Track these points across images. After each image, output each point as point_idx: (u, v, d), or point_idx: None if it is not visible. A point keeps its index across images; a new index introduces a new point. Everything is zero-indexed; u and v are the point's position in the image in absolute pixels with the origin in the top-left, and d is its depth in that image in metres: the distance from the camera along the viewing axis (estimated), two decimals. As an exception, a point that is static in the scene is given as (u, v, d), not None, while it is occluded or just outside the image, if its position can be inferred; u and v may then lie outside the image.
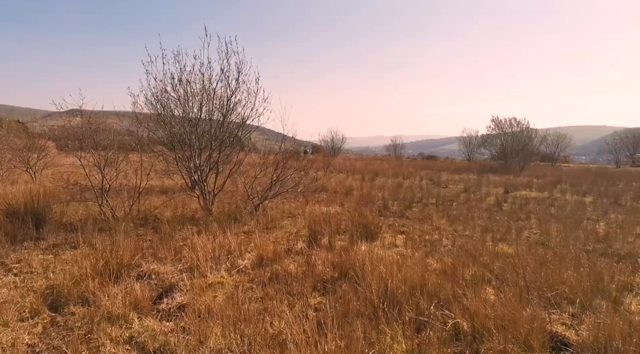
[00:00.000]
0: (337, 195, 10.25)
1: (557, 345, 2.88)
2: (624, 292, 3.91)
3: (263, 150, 8.56)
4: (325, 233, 5.62)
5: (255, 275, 4.16)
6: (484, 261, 4.65)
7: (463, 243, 5.55)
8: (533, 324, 2.90)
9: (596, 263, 4.45)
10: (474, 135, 29.98)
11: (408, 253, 5.15)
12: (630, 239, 6.11)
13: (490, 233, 6.41)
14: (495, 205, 9.45)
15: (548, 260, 4.48)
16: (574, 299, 3.52)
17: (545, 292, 3.62)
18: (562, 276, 3.90)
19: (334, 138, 31.58)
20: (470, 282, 3.91)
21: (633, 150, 30.93)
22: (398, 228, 6.77)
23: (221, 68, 6.68)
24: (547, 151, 29.24)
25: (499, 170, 20.42)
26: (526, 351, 2.73)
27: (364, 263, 3.99)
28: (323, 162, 17.86)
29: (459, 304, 3.26)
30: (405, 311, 3.13)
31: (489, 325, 2.93)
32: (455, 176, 17.12)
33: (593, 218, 7.88)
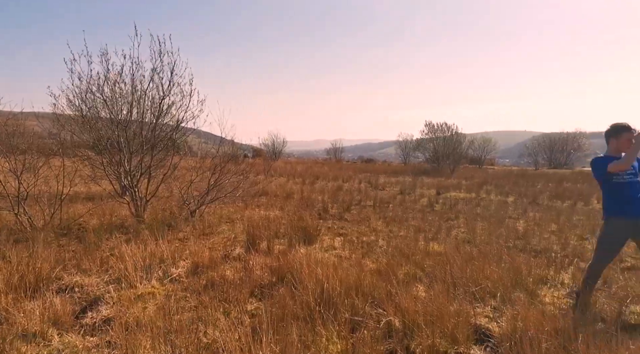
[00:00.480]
0: (277, 199, 10.21)
1: (481, 337, 3.07)
2: (540, 285, 4.26)
3: (200, 154, 8.31)
4: (264, 238, 5.58)
5: (189, 283, 4.02)
6: (416, 260, 4.85)
7: (398, 243, 5.75)
8: (459, 318, 3.07)
9: (516, 259, 4.81)
10: (409, 139, 31.25)
11: (346, 255, 5.25)
12: (545, 236, 6.67)
13: (423, 233, 6.71)
14: (428, 206, 9.91)
15: (474, 257, 4.77)
16: (495, 293, 3.78)
17: (470, 287, 3.85)
18: (486, 272, 4.17)
19: (275, 141, 31.48)
20: (403, 281, 4.08)
21: (549, 153, 33.85)
22: (337, 231, 6.88)
23: (153, 68, 6.41)
24: (474, 154, 31.19)
25: (432, 173, 21.45)
26: (452, 344, 2.89)
27: (302, 267, 4.00)
28: (263, 165, 17.72)
29: (392, 303, 3.37)
30: (341, 312, 3.19)
31: (419, 321, 3.06)
32: (392, 179, 17.74)
33: (514, 217, 8.52)
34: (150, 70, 6.46)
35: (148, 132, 6.75)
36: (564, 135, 33.21)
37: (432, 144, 24.28)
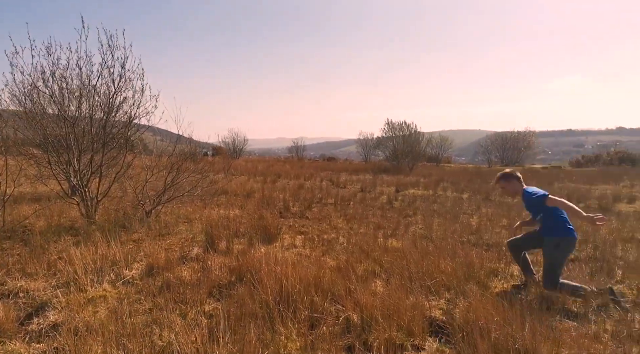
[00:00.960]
0: (237, 198, 10.07)
1: (435, 329, 3.17)
2: (491, 277, 4.45)
3: (155, 152, 8.05)
4: (224, 237, 5.49)
5: (144, 285, 3.89)
6: (375, 256, 4.93)
7: (358, 240, 5.82)
8: (415, 312, 3.16)
9: (469, 253, 4.99)
10: (370, 137, 31.73)
11: (306, 253, 5.26)
12: (497, 230, 6.97)
13: (382, 230, 6.83)
14: (387, 203, 10.10)
15: (430, 252, 4.91)
16: (450, 286, 3.92)
17: (426, 281, 3.97)
18: (441, 266, 4.31)
19: (236, 139, 31.02)
20: (362, 277, 4.14)
21: (502, 151, 35.41)
22: (298, 229, 6.88)
23: (102, 62, 6.12)
24: (432, 153, 32.14)
25: (392, 171, 21.89)
26: (408, 336, 2.97)
27: (262, 265, 3.97)
28: (223, 164, 17.41)
29: (351, 299, 3.42)
30: (300, 310, 3.20)
31: (377, 316, 3.12)
32: (353, 176, 17.94)
33: (468, 213, 8.85)
34: (100, 64, 6.17)
35: (99, 129, 6.45)
36: (515, 134, 34.83)
37: (392, 143, 24.75)
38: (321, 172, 19.89)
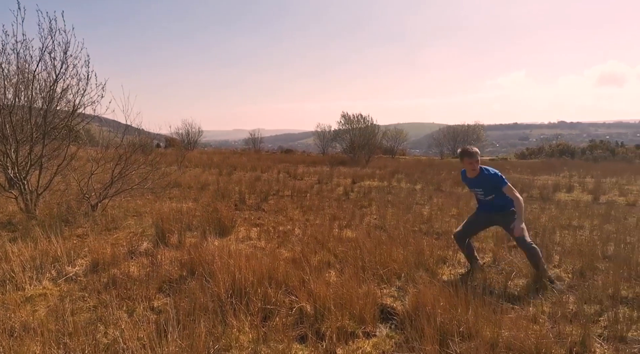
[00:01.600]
0: (191, 191, 9.82)
1: (386, 316, 3.25)
2: (440, 264, 4.63)
3: (102, 143, 7.66)
4: (175, 231, 5.34)
5: (88, 282, 3.71)
6: (330, 247, 4.99)
7: (313, 232, 5.85)
8: (367, 300, 3.23)
9: (420, 241, 5.15)
10: (327, 130, 31.86)
11: (261, 245, 5.23)
12: (447, 219, 7.24)
13: (337, 221, 6.91)
14: (343, 195, 10.22)
15: (383, 241, 5.03)
16: (401, 274, 4.04)
17: (378, 270, 4.07)
18: (393, 255, 4.43)
19: (190, 131, 30.16)
20: (316, 267, 4.17)
21: (453, 143, 36.68)
22: (253, 221, 6.82)
23: (42, 47, 5.72)
24: (388, 145, 32.79)
25: (349, 163, 22.14)
26: (360, 324, 3.03)
27: (214, 259, 3.90)
28: (177, 155, 16.89)
29: (304, 289, 3.44)
30: (253, 302, 3.18)
31: (330, 305, 3.16)
32: (311, 169, 17.98)
33: (421, 203, 9.12)
34: (39, 49, 5.77)
35: (39, 119, 6.05)
36: (465, 127, 36.20)
37: (348, 135, 25.00)
38: (279, 164, 19.78)
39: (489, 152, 52.02)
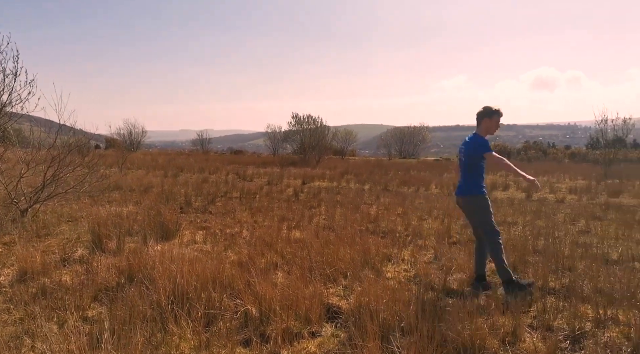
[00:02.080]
0: (133, 194, 9.39)
1: (332, 315, 3.28)
2: (385, 262, 4.74)
3: (33, 143, 7.13)
4: (114, 236, 5.08)
5: (14, 292, 3.44)
6: (278, 248, 4.96)
7: (261, 233, 5.79)
8: (313, 300, 3.24)
9: (367, 240, 5.27)
10: (277, 130, 31.70)
11: (207, 249, 5.10)
12: (392, 218, 7.44)
13: (286, 222, 6.89)
14: (293, 196, 10.22)
15: (331, 241, 5.08)
16: (347, 273, 4.09)
17: (325, 269, 4.10)
18: (340, 254, 4.48)
19: (133, 131, 28.85)
20: (264, 269, 4.13)
21: (400, 144, 37.80)
22: (200, 224, 6.64)
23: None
24: (338, 146, 33.18)
25: (299, 163, 22.17)
26: (306, 324, 3.03)
27: (155, 264, 3.75)
28: (118, 157, 16.09)
29: (250, 292, 3.39)
30: (196, 308, 3.09)
31: (276, 307, 3.14)
32: (261, 170, 17.82)
33: (368, 203, 9.31)
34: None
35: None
36: (412, 128, 37.45)
37: (299, 136, 25.02)
38: (228, 165, 19.42)
39: (434, 153, 54.14)
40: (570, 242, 5.45)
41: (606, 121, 17.74)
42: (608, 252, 5.07)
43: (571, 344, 2.83)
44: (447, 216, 7.40)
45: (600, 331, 2.97)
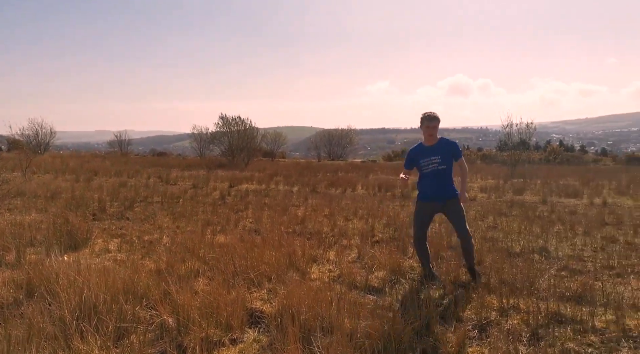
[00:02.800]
0: (38, 200, 8.53)
1: (256, 319, 3.23)
2: (311, 263, 4.77)
3: None
4: (13, 248, 4.57)
5: None
6: (201, 254, 4.79)
7: (184, 239, 5.55)
8: (235, 306, 3.16)
9: (293, 242, 5.27)
10: (204, 132, 30.73)
11: (122, 258, 4.77)
12: (320, 219, 7.53)
13: (211, 226, 6.68)
14: (220, 199, 9.95)
15: (257, 245, 5.01)
16: (272, 276, 4.05)
17: (250, 273, 4.03)
18: (265, 258, 4.43)
19: (40, 132, 26.28)
20: (184, 277, 3.96)
21: (329, 146, 38.54)
22: (115, 232, 6.21)
23: None
24: (267, 148, 33.00)
25: (228, 166, 21.68)
26: (227, 331, 2.95)
27: (59, 277, 3.43)
28: (21, 160, 14.54)
29: (168, 302, 3.23)
30: (106, 322, 2.86)
31: (195, 315, 3.02)
32: (186, 173, 17.14)
33: (296, 205, 9.34)
34: None
35: None
36: (340, 131, 38.34)
37: (227, 138, 24.45)
38: (149, 168, 18.42)
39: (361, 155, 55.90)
40: (479, 237, 5.89)
41: (511, 125, 19.56)
42: (512, 245, 5.57)
43: (478, 333, 3.05)
44: (371, 216, 7.65)
45: (504, 319, 3.25)
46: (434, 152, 4.03)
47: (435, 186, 4.08)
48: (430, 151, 4.06)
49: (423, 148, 4.12)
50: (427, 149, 4.08)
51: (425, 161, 4.05)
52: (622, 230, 6.70)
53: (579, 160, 31.82)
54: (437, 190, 4.09)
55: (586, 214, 8.11)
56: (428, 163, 4.04)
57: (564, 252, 5.28)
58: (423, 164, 4.07)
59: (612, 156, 34.63)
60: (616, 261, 4.83)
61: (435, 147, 4.05)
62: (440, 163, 4.00)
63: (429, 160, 4.03)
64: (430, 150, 4.06)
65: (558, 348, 2.77)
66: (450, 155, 4.03)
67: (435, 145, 4.05)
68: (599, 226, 6.90)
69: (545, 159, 29.76)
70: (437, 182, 4.06)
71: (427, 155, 4.06)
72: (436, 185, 4.07)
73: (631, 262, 4.83)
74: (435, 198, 4.10)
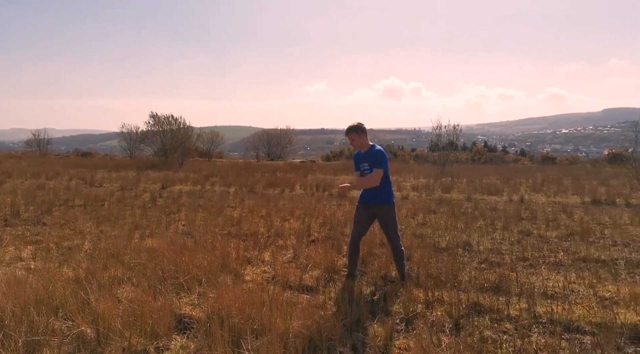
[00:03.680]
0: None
1: (185, 325, 3.11)
2: (245, 265, 4.69)
3: None
4: None
5: None
6: (126, 259, 4.53)
7: (108, 245, 5.23)
8: (162, 312, 3.02)
9: (227, 244, 5.15)
10: (134, 130, 29.14)
11: (37, 266, 4.39)
12: (256, 220, 7.44)
13: (140, 230, 6.35)
14: (150, 201, 9.48)
15: (188, 248, 4.83)
16: (203, 280, 3.93)
17: (179, 278, 3.88)
18: (197, 261, 4.30)
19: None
20: (106, 284, 3.73)
21: (268, 146, 38.24)
22: (29, 238, 5.71)
23: None
24: (204, 148, 32.03)
25: (160, 166, 20.72)
26: (152, 339, 2.82)
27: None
28: None
29: (88, 311, 3.02)
30: (14, 336, 2.61)
31: (117, 325, 2.85)
32: (113, 174, 16.16)
33: (232, 206, 9.15)
34: None
35: None
36: (279, 131, 38.19)
37: (159, 137, 23.38)
38: (72, 169, 17.16)
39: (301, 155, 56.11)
40: (410, 234, 6.16)
41: (440, 127, 20.67)
42: (439, 241, 5.87)
43: (405, 325, 3.18)
44: (308, 216, 7.69)
45: (429, 312, 3.41)
46: (365, 159, 4.19)
47: (366, 191, 4.23)
48: (363, 157, 4.23)
49: (360, 154, 4.29)
50: (362, 155, 4.26)
51: (362, 166, 4.24)
52: (536, 224, 7.32)
53: (500, 160, 34.37)
54: (366, 195, 4.24)
55: (505, 210, 8.76)
56: (364, 169, 4.21)
57: (484, 246, 5.66)
58: (361, 168, 4.26)
59: (529, 156, 37.79)
60: (530, 253, 5.27)
61: (366, 154, 4.21)
62: (369, 170, 4.14)
63: (363, 165, 4.21)
64: (363, 156, 4.23)
65: (476, 337, 2.97)
66: (373, 163, 4.11)
67: (366, 153, 4.21)
68: (516, 221, 7.48)
69: (472, 159, 31.81)
70: (370, 194, 4.19)
71: (362, 161, 4.24)
72: (367, 190, 4.22)
73: (543, 254, 5.29)
74: (366, 203, 4.25)
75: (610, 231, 6.64)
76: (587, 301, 3.64)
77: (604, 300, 3.69)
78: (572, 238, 6.18)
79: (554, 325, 3.13)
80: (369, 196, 4.20)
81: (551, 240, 6.08)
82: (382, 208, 4.14)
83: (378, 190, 4.14)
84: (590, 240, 6.05)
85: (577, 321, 3.23)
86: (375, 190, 4.14)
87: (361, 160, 4.23)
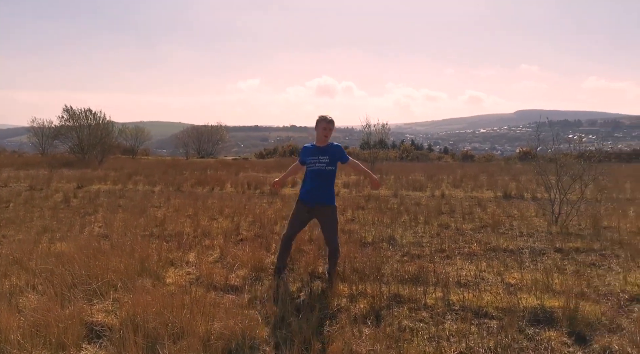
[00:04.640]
0: None
1: (97, 334, 2.90)
2: (168, 267, 4.48)
3: None
4: None
5: None
6: (31, 266, 4.13)
7: (10, 250, 4.74)
8: (70, 321, 2.80)
9: (148, 246, 4.90)
10: (47, 125, 26.69)
11: None
12: (182, 220, 7.14)
13: (49, 233, 5.83)
14: (63, 202, 8.75)
15: (103, 251, 4.52)
16: (119, 285, 3.70)
17: (92, 284, 3.61)
18: (112, 265, 4.03)
19: None
20: (7, 293, 3.38)
21: (198, 143, 37.00)
22: None
23: None
24: (127, 144, 30.18)
25: (77, 164, 19.20)
26: (58, 351, 2.60)
27: None
28: None
29: (-19, 326, 2.70)
30: None
31: (17, 337, 2.59)
32: (21, 172, 14.71)
33: (157, 205, 8.72)
34: None
35: None
36: (209, 127, 37.09)
37: (75, 133, 21.61)
38: (-30, 167, 15.29)
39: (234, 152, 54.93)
40: (339, 230, 6.27)
41: (369, 126, 21.34)
42: (365, 236, 6.06)
43: (330, 320, 3.24)
44: (237, 215, 7.55)
45: (353, 305, 3.50)
46: (324, 153, 4.13)
47: (316, 186, 4.13)
48: (320, 151, 4.16)
49: (314, 148, 4.21)
50: (318, 149, 4.18)
51: (312, 159, 4.13)
52: (454, 217, 7.82)
53: (426, 157, 36.33)
54: (313, 190, 4.13)
55: (427, 205, 9.27)
56: (315, 162, 4.11)
57: (407, 239, 5.94)
58: (309, 162, 4.16)
59: (451, 154, 40.38)
60: (447, 245, 5.62)
61: (325, 148, 4.16)
62: (327, 164, 4.09)
63: (316, 159, 4.11)
64: (320, 150, 4.17)
65: (395, 326, 3.10)
66: (336, 159, 4.12)
67: (326, 147, 4.18)
68: (436, 215, 7.94)
69: (400, 157, 33.26)
70: (317, 183, 4.11)
71: (315, 155, 4.15)
72: (316, 186, 4.13)
73: (458, 245, 5.66)
74: (309, 200, 4.14)
75: (518, 222, 7.28)
76: (495, 288, 3.95)
77: (509, 287, 4.03)
78: (485, 229, 6.69)
79: (465, 312, 3.35)
80: (312, 196, 4.14)
81: (466, 232, 6.53)
82: (325, 208, 4.11)
83: (328, 186, 4.16)
84: (500, 231, 6.59)
85: (486, 306, 3.49)
86: (326, 185, 4.14)
87: (316, 153, 4.14)
